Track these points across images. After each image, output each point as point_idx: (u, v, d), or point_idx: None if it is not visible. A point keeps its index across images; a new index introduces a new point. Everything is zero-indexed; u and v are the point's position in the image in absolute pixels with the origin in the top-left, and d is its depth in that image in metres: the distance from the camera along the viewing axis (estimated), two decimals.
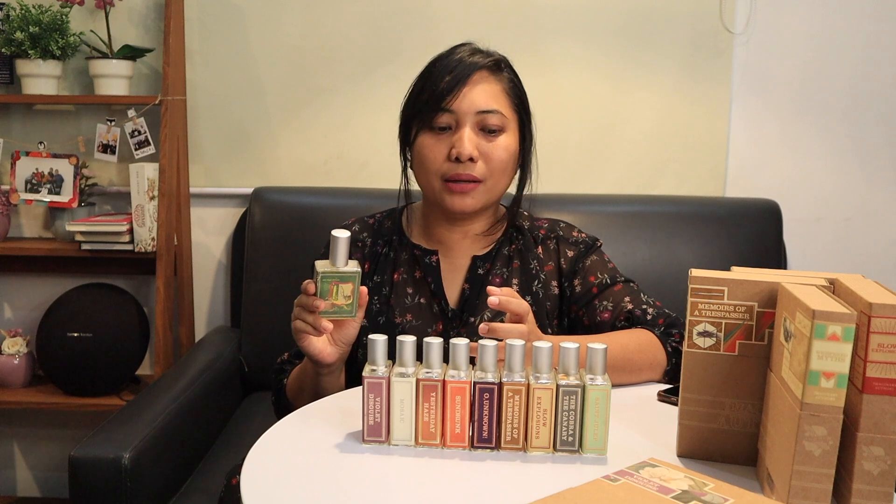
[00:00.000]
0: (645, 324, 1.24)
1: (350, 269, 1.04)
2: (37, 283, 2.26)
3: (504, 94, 1.26)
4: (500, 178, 1.26)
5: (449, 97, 1.21)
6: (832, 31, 2.11)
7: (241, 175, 2.18)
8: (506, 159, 1.25)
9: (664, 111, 2.13)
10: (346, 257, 1.04)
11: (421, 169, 1.26)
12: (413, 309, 1.29)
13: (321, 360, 1.12)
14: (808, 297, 0.74)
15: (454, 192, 1.23)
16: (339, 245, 1.03)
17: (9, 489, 2.36)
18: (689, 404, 0.88)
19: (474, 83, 1.23)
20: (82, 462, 1.35)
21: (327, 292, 1.04)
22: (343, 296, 1.05)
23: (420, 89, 1.26)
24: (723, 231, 1.97)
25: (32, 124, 2.18)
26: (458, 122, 1.23)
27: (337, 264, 1.03)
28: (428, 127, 1.24)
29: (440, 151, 1.23)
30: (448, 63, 1.24)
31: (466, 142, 1.21)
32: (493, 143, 1.23)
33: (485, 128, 1.23)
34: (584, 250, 1.33)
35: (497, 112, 1.23)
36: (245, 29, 2.13)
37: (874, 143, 2.15)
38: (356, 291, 1.05)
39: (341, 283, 1.04)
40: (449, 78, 1.22)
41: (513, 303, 1.04)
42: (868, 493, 0.73)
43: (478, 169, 1.22)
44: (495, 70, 1.26)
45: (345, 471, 0.85)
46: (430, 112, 1.23)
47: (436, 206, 1.29)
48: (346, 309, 1.06)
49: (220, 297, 2.26)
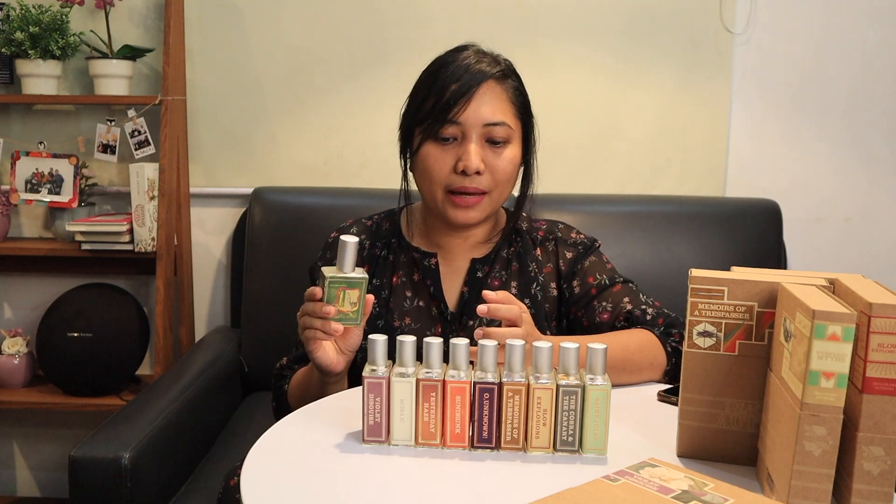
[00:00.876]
0: (645, 324, 1.23)
1: (357, 276, 1.03)
2: (37, 283, 2.26)
3: (510, 104, 1.24)
4: (504, 189, 1.26)
5: (456, 108, 1.19)
6: (832, 31, 2.11)
7: (241, 175, 2.18)
8: (510, 171, 1.24)
9: (664, 111, 2.13)
10: (353, 263, 1.03)
11: (425, 178, 1.25)
12: (412, 312, 1.28)
13: (331, 370, 1.11)
14: (808, 297, 0.74)
15: (458, 205, 1.22)
16: (348, 250, 1.02)
17: (9, 489, 2.36)
18: (689, 404, 0.88)
19: (481, 94, 1.21)
20: (82, 462, 1.35)
21: (334, 298, 1.03)
22: (349, 302, 1.03)
23: (425, 96, 1.23)
24: (723, 231, 1.97)
25: (32, 124, 2.18)
26: (464, 135, 1.21)
27: (345, 270, 1.02)
28: (433, 137, 1.22)
29: (446, 163, 1.21)
30: (454, 71, 1.21)
31: (473, 156, 1.20)
32: (499, 156, 1.22)
33: (491, 139, 1.22)
34: (583, 251, 1.32)
35: (503, 124, 1.22)
36: (245, 29, 2.13)
37: (874, 143, 2.15)
38: (362, 298, 1.04)
39: (348, 289, 1.03)
40: (455, 87, 1.20)
41: (501, 309, 1.03)
42: (868, 493, 0.73)
43: (483, 181, 1.21)
44: (501, 79, 1.24)
45: (345, 471, 0.85)
46: (436, 123, 1.21)
47: (437, 215, 1.28)
48: (351, 316, 1.04)
49: (220, 297, 2.26)
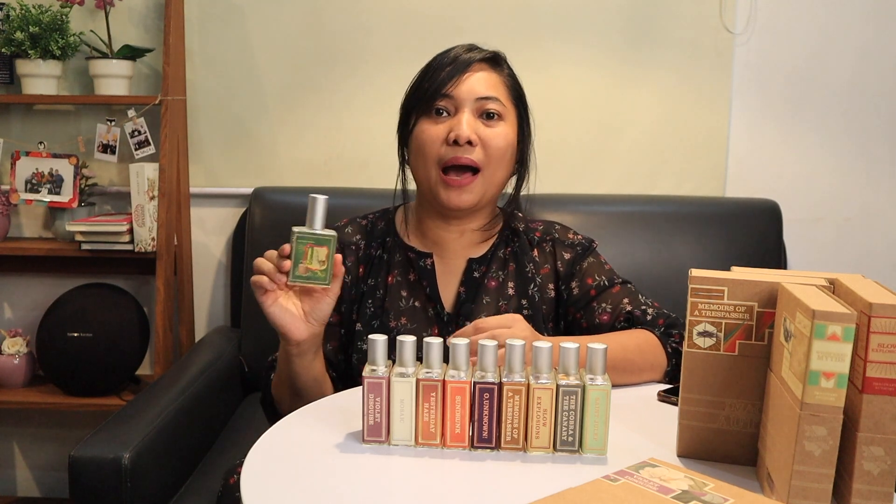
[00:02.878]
0: (645, 324, 1.23)
1: (327, 233, 1.01)
2: (37, 283, 2.26)
3: (503, 86, 1.26)
4: (496, 169, 1.24)
5: (449, 84, 1.22)
6: (832, 31, 2.11)
7: (241, 175, 2.18)
8: (503, 147, 1.24)
9: (664, 111, 2.13)
10: (323, 221, 1.00)
11: (419, 156, 1.24)
12: (407, 312, 1.27)
13: (289, 333, 1.08)
14: (808, 297, 0.74)
15: (451, 186, 1.22)
16: (318, 207, 1.00)
17: (9, 489, 2.36)
18: (689, 404, 0.88)
19: (473, 71, 1.24)
20: (82, 462, 1.35)
21: (302, 255, 1.00)
22: (317, 260, 1.00)
23: (419, 82, 1.27)
24: (723, 231, 1.97)
25: (32, 124, 2.18)
26: (457, 108, 1.23)
27: (314, 227, 1.00)
28: (426, 113, 1.24)
29: (438, 135, 1.22)
30: (446, 57, 1.25)
31: (465, 124, 1.20)
32: (492, 130, 1.22)
33: (484, 113, 1.23)
34: (581, 252, 1.32)
35: (496, 99, 1.23)
36: (245, 29, 2.13)
37: (874, 143, 2.15)
38: (331, 257, 1.01)
39: (317, 245, 1.00)
40: (449, 69, 1.23)
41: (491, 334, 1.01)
42: (868, 493, 0.73)
43: (476, 154, 1.21)
44: (494, 64, 1.27)
45: (345, 471, 0.85)
46: (430, 98, 1.23)
47: (431, 202, 1.27)
48: (319, 275, 1.01)
49: (220, 297, 2.25)
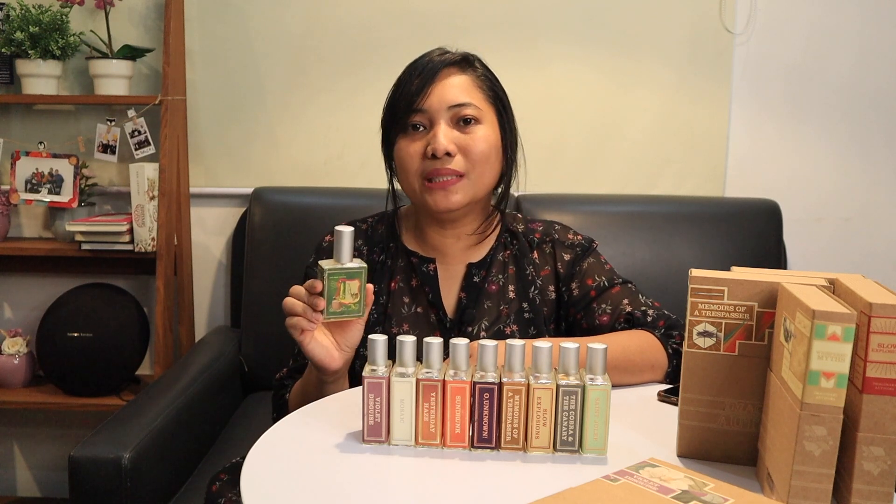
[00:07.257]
0: (645, 325, 1.22)
1: (356, 266, 1.01)
2: (37, 283, 2.26)
3: (476, 87, 1.24)
4: (483, 171, 1.23)
5: (419, 97, 1.20)
6: (832, 31, 2.11)
7: (241, 175, 2.18)
8: (486, 150, 1.22)
9: (664, 111, 2.13)
10: (350, 253, 1.00)
11: (402, 173, 1.24)
12: (410, 318, 1.26)
13: (327, 366, 1.08)
14: (808, 297, 0.74)
15: (435, 189, 1.21)
16: (344, 240, 0.99)
17: (9, 489, 2.36)
18: (689, 404, 0.88)
19: (443, 80, 1.22)
20: (82, 462, 1.35)
21: (335, 291, 0.99)
22: (350, 294, 1.00)
23: (392, 98, 1.25)
24: (723, 231, 1.97)
25: (32, 124, 2.18)
26: (431, 121, 1.21)
27: (342, 261, 1.00)
28: (403, 131, 1.23)
29: (416, 151, 1.21)
30: (416, 66, 1.24)
31: (441, 137, 1.19)
32: (470, 135, 1.21)
33: (460, 120, 1.21)
34: (581, 253, 1.31)
35: (469, 104, 1.21)
36: (245, 29, 2.13)
37: (874, 143, 2.15)
38: (363, 288, 1.01)
39: (348, 280, 1.00)
40: (418, 81, 1.21)
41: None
42: (868, 493, 0.73)
43: (457, 163, 1.20)
44: (464, 65, 1.25)
45: (345, 471, 0.85)
46: (403, 115, 1.22)
47: (423, 210, 1.27)
48: (353, 308, 1.01)
49: (220, 297, 2.26)
